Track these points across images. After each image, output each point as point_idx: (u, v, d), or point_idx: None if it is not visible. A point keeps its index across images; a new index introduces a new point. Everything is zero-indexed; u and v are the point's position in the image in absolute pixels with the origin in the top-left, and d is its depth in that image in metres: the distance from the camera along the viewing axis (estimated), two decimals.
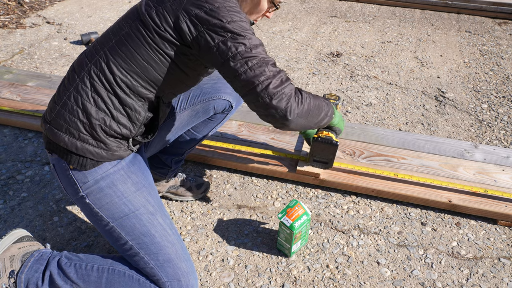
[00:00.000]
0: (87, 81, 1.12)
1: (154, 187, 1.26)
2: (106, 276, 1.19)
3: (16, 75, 2.43)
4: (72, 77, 1.16)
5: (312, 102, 1.16)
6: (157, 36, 1.09)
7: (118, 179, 1.18)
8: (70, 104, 1.13)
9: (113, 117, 1.13)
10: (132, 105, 1.14)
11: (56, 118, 1.14)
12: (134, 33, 1.11)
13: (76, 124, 1.12)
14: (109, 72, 1.11)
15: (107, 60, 1.12)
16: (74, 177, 1.16)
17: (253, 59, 1.05)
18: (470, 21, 3.80)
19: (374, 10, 4.04)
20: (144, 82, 1.14)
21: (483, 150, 1.92)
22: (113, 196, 1.16)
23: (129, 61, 1.11)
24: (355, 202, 1.73)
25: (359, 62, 2.99)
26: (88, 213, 1.19)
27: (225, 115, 1.57)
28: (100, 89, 1.12)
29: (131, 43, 1.11)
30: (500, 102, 2.54)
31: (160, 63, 1.12)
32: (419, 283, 1.41)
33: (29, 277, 1.18)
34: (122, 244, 1.19)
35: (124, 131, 1.16)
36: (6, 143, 2.01)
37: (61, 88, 1.17)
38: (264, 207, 1.70)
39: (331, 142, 1.36)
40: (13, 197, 1.70)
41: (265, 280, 1.40)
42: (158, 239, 1.18)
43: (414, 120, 2.34)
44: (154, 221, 1.20)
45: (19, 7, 3.73)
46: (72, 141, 1.12)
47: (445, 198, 1.66)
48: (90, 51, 1.18)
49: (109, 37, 1.16)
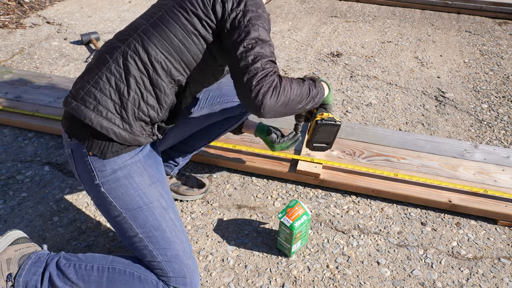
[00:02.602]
0: (120, 62, 1.15)
1: (166, 183, 1.28)
2: (107, 275, 1.19)
3: (16, 75, 2.43)
4: (103, 59, 1.17)
5: (293, 92, 1.15)
6: (194, 16, 1.16)
7: (135, 170, 1.19)
8: (102, 83, 1.14)
9: (143, 98, 1.15)
10: (162, 87, 1.17)
11: (85, 96, 1.14)
12: (169, 15, 1.18)
13: (106, 103, 1.13)
14: (144, 51, 1.15)
15: (141, 41, 1.16)
16: (92, 164, 1.16)
17: (260, 49, 1.12)
18: (470, 21, 3.80)
19: (374, 10, 4.04)
20: (177, 63, 1.17)
21: (483, 150, 1.92)
22: (129, 187, 1.17)
23: (164, 41, 1.16)
24: (355, 202, 1.73)
25: (359, 62, 2.99)
26: (101, 202, 1.20)
27: (239, 119, 1.59)
28: (133, 70, 1.14)
29: (166, 24, 1.17)
30: (500, 102, 2.54)
31: (194, 44, 1.18)
32: (419, 283, 1.41)
33: (27, 280, 1.17)
34: (131, 236, 1.19)
35: (151, 113, 1.17)
36: (6, 143, 2.01)
37: (91, 69, 1.18)
38: (264, 207, 1.70)
39: (334, 123, 1.33)
40: (13, 197, 1.70)
41: (265, 280, 1.40)
42: (168, 234, 1.19)
43: (414, 120, 2.33)
44: (166, 216, 1.21)
45: (19, 7, 3.73)
46: (98, 119, 1.12)
47: (445, 198, 1.66)
48: (120, 35, 1.21)
49: (141, 22, 1.21)
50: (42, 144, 2.00)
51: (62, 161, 1.90)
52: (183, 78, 1.21)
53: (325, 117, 1.34)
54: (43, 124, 2.03)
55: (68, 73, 2.71)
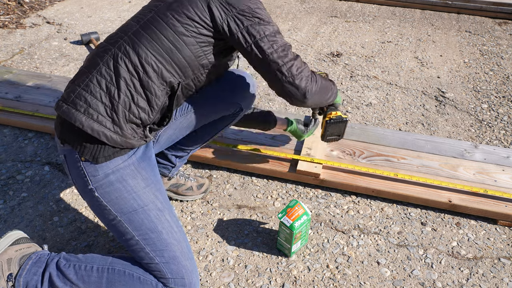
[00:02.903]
0: (110, 64, 1.14)
1: (162, 184, 1.27)
2: (107, 276, 1.19)
3: (16, 75, 2.43)
4: (94, 61, 1.17)
5: (323, 83, 1.33)
6: (186, 17, 1.16)
7: (129, 174, 1.18)
8: (93, 86, 1.13)
9: (134, 100, 1.15)
10: (153, 89, 1.17)
11: (76, 99, 1.14)
12: (160, 16, 1.18)
13: (97, 105, 1.12)
14: (134, 53, 1.14)
15: (131, 43, 1.16)
16: (85, 170, 1.16)
17: (278, 42, 1.20)
18: (470, 21, 3.80)
19: (374, 10, 4.04)
20: (168, 65, 1.17)
21: (483, 150, 1.92)
22: (123, 191, 1.17)
23: (154, 43, 1.16)
24: (355, 202, 1.73)
25: (359, 62, 2.99)
26: (96, 206, 1.20)
27: (233, 118, 1.59)
28: (123, 72, 1.14)
29: (157, 26, 1.17)
30: (500, 102, 2.54)
31: (185, 45, 1.18)
32: (419, 283, 1.41)
33: (28, 280, 1.17)
34: (128, 239, 1.19)
35: (142, 115, 1.17)
36: (6, 143, 2.01)
37: (81, 72, 1.18)
38: (264, 207, 1.70)
39: (341, 120, 1.55)
40: (13, 197, 1.70)
41: (265, 280, 1.40)
42: (164, 235, 1.19)
43: (414, 120, 2.34)
44: (162, 218, 1.20)
45: (19, 7, 3.73)
46: (88, 122, 1.12)
47: (445, 198, 1.66)
48: (110, 38, 1.21)
49: (132, 24, 1.21)
50: (42, 144, 2.00)
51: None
52: (175, 80, 1.20)
53: (333, 116, 1.55)
54: (43, 124, 2.03)
55: (68, 73, 2.71)
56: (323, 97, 1.37)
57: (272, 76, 1.22)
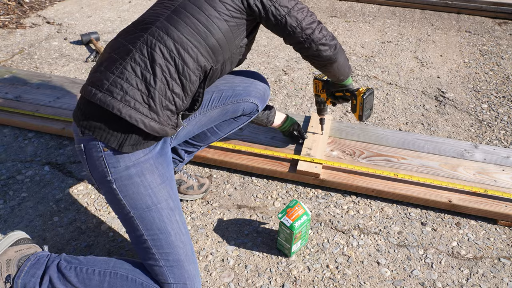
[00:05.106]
0: (144, 51, 1.14)
1: (175, 182, 1.28)
2: (108, 280, 1.18)
3: (16, 75, 2.43)
4: (125, 48, 1.16)
5: (344, 53, 1.44)
6: (218, 0, 1.19)
7: (148, 168, 1.18)
8: (128, 73, 1.13)
9: (169, 86, 1.15)
10: (188, 74, 1.17)
11: (111, 86, 1.12)
12: (191, 1, 1.20)
13: (133, 93, 1.12)
14: (170, 38, 1.15)
15: (165, 29, 1.16)
16: (106, 160, 1.15)
17: (304, 9, 1.29)
18: (470, 21, 3.80)
19: (374, 10, 4.04)
20: (203, 50, 1.19)
21: (483, 150, 1.92)
22: (140, 186, 1.17)
23: (189, 28, 1.17)
24: (355, 202, 1.73)
25: (359, 62, 2.99)
26: (111, 198, 1.20)
27: (249, 118, 1.59)
28: (158, 58, 1.14)
29: (190, 10, 1.18)
30: (500, 102, 2.54)
31: (218, 28, 1.20)
32: (419, 283, 1.41)
33: (25, 282, 1.17)
34: (138, 236, 1.19)
35: (177, 101, 1.18)
36: (6, 143, 2.01)
37: (113, 59, 1.16)
38: (264, 207, 1.70)
39: (372, 90, 1.61)
40: (13, 197, 1.70)
41: (265, 280, 1.41)
42: (173, 237, 1.19)
43: (414, 120, 2.34)
44: (172, 218, 1.20)
45: (19, 7, 3.73)
46: (126, 110, 1.11)
47: (445, 198, 1.66)
48: (138, 24, 1.21)
49: (159, 12, 1.21)
50: (42, 144, 2.00)
51: (62, 161, 1.90)
52: (209, 64, 1.21)
53: (364, 90, 1.59)
54: (43, 124, 2.03)
55: (68, 73, 2.71)
56: (345, 63, 1.44)
57: (304, 41, 1.30)
